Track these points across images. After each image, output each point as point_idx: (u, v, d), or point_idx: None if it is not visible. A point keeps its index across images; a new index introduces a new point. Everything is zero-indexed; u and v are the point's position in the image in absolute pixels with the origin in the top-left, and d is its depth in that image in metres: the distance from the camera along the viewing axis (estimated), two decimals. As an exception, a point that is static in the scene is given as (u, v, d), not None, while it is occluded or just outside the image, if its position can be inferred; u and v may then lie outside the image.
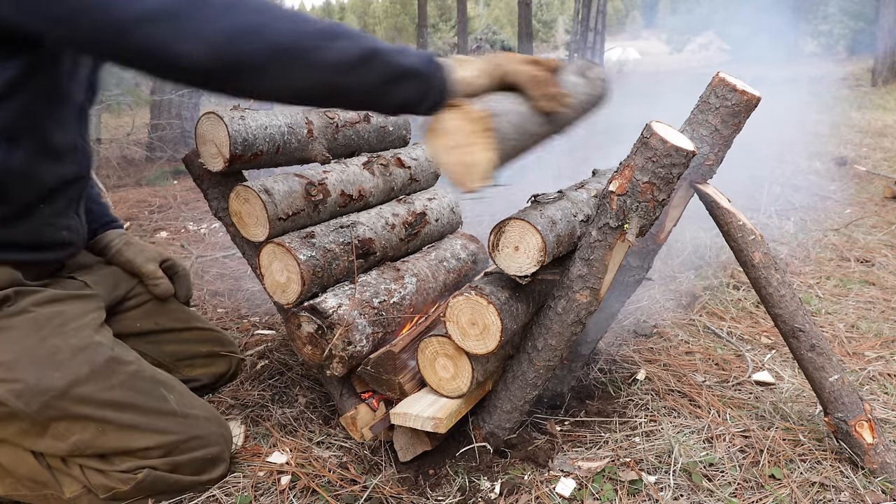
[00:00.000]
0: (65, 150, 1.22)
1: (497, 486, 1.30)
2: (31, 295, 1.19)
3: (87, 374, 1.16)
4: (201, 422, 1.29)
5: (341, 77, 0.97)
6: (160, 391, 1.25)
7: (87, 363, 1.17)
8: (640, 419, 1.53)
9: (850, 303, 2.28)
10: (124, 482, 1.21)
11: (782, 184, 3.95)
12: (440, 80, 1.03)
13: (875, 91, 10.31)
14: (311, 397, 1.67)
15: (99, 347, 1.20)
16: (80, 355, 1.17)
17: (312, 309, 1.39)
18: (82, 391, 1.15)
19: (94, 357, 1.19)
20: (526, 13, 18.70)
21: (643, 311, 2.23)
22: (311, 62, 0.95)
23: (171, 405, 1.25)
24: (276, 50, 0.92)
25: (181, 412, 1.26)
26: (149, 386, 1.24)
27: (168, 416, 1.24)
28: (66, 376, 1.14)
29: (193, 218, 3.82)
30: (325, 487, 1.32)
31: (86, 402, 1.16)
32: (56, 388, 1.13)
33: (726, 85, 1.33)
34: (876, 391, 1.68)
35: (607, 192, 1.17)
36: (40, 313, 1.17)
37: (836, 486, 1.29)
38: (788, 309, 1.33)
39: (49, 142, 1.17)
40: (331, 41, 0.95)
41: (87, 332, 1.21)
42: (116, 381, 1.19)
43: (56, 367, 1.14)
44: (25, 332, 1.14)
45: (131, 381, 1.22)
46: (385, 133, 1.88)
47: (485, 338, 1.22)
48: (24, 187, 1.14)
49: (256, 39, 0.91)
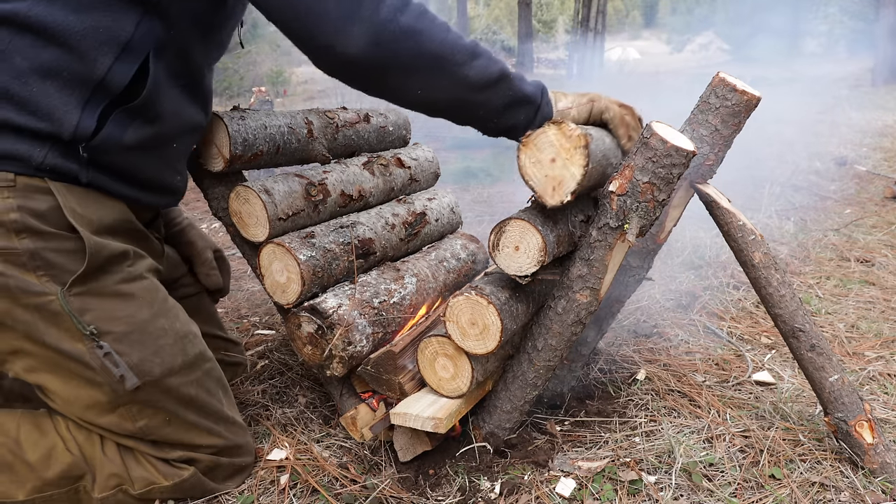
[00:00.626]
0: (206, 97, 1.25)
1: (497, 486, 1.30)
2: (142, 259, 1.17)
3: (179, 365, 1.15)
4: (242, 431, 1.31)
5: (474, 94, 1.05)
6: (220, 394, 1.26)
7: (181, 354, 1.16)
8: (640, 419, 1.53)
9: (850, 303, 2.28)
10: (167, 476, 1.19)
11: (782, 184, 3.95)
12: (547, 110, 1.14)
13: (875, 91, 10.31)
14: (311, 397, 1.67)
15: (195, 339, 1.20)
16: (179, 343, 1.16)
17: (312, 309, 1.39)
18: (171, 382, 1.14)
19: (189, 349, 1.18)
20: (526, 13, 18.68)
21: (643, 311, 2.23)
22: (454, 74, 1.02)
23: (225, 410, 1.27)
24: (428, 57, 0.99)
25: (232, 418, 1.28)
26: (214, 387, 1.25)
27: (222, 421, 1.25)
28: (164, 364, 1.12)
29: (193, 218, 3.81)
30: (325, 486, 1.32)
31: (168, 393, 1.15)
32: (153, 374, 1.11)
33: (726, 85, 1.33)
34: (876, 391, 1.68)
35: (607, 192, 1.17)
36: (152, 283, 1.16)
37: (836, 486, 1.29)
38: (788, 309, 1.33)
39: (200, 84, 1.20)
40: (474, 58, 1.03)
41: (184, 316, 1.21)
42: (195, 378, 1.19)
43: (158, 352, 1.12)
44: (141, 304, 1.11)
45: (205, 379, 1.22)
46: (385, 133, 1.88)
47: (485, 338, 1.22)
48: (171, 120, 1.14)
49: (413, 44, 0.97)
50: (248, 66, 14.08)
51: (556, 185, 1.09)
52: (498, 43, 26.64)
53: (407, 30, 0.96)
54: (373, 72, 1.00)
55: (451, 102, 1.07)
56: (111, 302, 1.08)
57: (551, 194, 1.10)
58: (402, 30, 0.96)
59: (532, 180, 1.11)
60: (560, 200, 1.09)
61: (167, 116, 1.12)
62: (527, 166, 1.11)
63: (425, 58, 1.00)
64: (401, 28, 0.96)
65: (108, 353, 1.06)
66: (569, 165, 1.08)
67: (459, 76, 1.03)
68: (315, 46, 0.99)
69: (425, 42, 0.98)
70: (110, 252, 1.08)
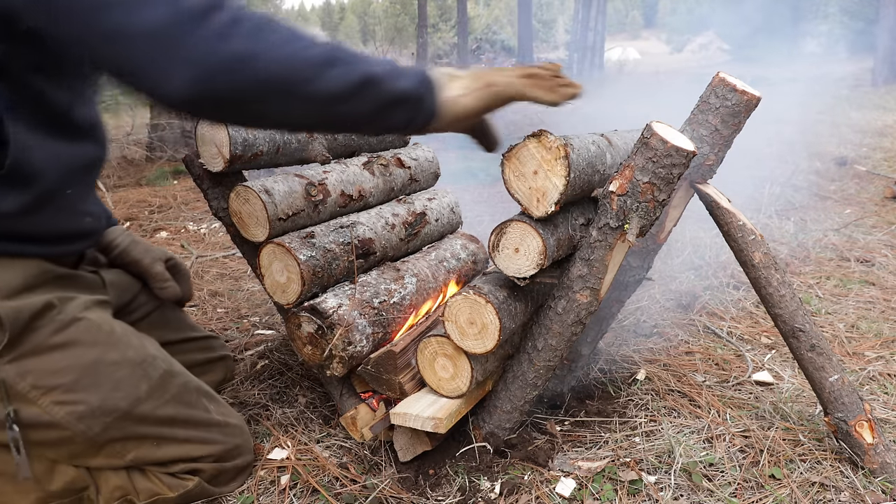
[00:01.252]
0: (92, 127, 1.14)
1: (497, 486, 1.30)
2: (72, 301, 1.10)
3: (146, 391, 1.12)
4: (238, 430, 1.29)
5: (334, 108, 0.92)
6: (203, 402, 1.24)
7: (144, 379, 1.12)
8: (640, 419, 1.53)
9: (850, 303, 2.28)
10: (172, 488, 1.18)
11: (782, 184, 3.95)
12: (429, 103, 0.98)
13: (875, 91, 10.30)
14: (311, 397, 1.67)
15: (154, 360, 1.16)
16: (138, 371, 1.12)
17: (312, 309, 1.39)
18: (143, 409, 1.11)
19: (151, 372, 1.14)
20: (526, 13, 18.69)
21: (643, 311, 2.23)
22: (304, 93, 0.89)
23: (214, 415, 1.24)
24: (270, 81, 0.86)
25: (223, 422, 1.26)
26: (195, 398, 1.22)
27: (214, 427, 1.23)
28: (128, 396, 1.09)
29: (193, 218, 3.82)
30: (325, 486, 1.32)
31: (145, 421, 1.12)
32: (119, 409, 1.08)
33: (726, 85, 1.33)
34: (876, 391, 1.68)
35: (607, 192, 1.17)
36: (91, 321, 1.10)
37: (836, 486, 1.29)
38: (788, 309, 1.33)
39: (77, 120, 1.09)
40: (327, 69, 0.89)
41: (137, 341, 1.16)
42: (170, 396, 1.16)
43: (117, 387, 1.08)
44: (83, 346, 1.07)
45: (181, 394, 1.19)
46: (385, 133, 1.88)
47: (483, 337, 1.22)
48: (53, 171, 1.05)
49: (249, 72, 0.84)
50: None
51: (540, 196, 1.11)
52: (498, 43, 26.64)
53: (237, 57, 0.83)
54: (215, 109, 0.88)
55: (311, 120, 0.98)
56: (49, 356, 1.04)
57: (536, 206, 1.12)
58: (232, 59, 0.83)
59: (517, 193, 1.13)
60: (545, 211, 1.11)
61: (47, 170, 1.04)
62: (511, 180, 1.13)
63: (266, 83, 0.86)
64: (229, 58, 0.83)
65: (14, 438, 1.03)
66: (550, 176, 1.10)
67: (311, 94, 0.89)
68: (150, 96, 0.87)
69: (262, 66, 0.85)
70: (31, 310, 1.03)
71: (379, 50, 10.04)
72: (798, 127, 5.93)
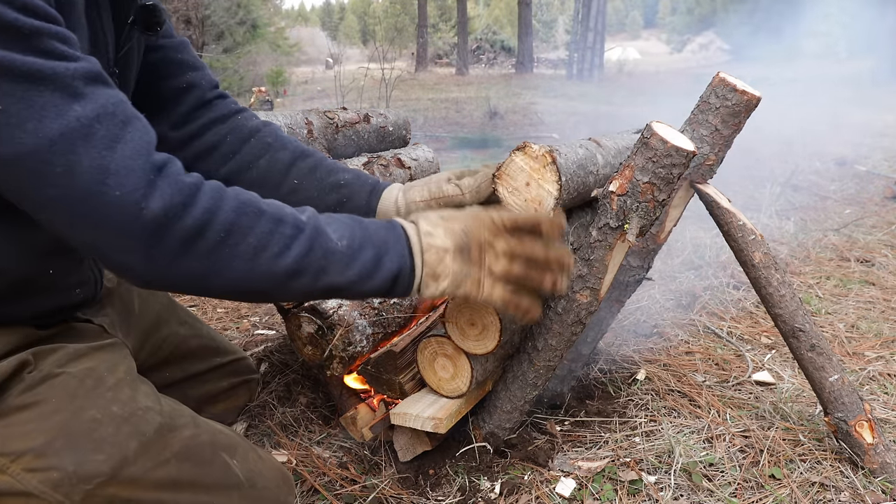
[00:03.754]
0: None
1: (497, 486, 1.30)
2: (52, 354, 0.98)
3: (136, 449, 0.93)
4: (270, 492, 1.07)
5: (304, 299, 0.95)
6: (222, 458, 1.02)
7: (134, 436, 0.94)
8: (640, 419, 1.53)
9: (850, 303, 2.28)
10: None
11: (782, 184, 3.95)
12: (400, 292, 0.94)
13: (875, 91, 10.31)
14: (311, 397, 1.67)
15: (146, 414, 0.98)
16: (125, 427, 0.94)
17: (312, 309, 1.39)
18: (132, 472, 0.92)
19: (142, 427, 0.96)
20: (526, 13, 18.69)
21: (643, 311, 2.23)
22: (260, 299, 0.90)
23: (235, 473, 1.03)
24: (223, 293, 0.85)
25: (248, 481, 1.04)
26: (208, 453, 1.01)
27: (233, 490, 1.02)
28: (111, 458, 0.91)
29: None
30: (325, 486, 1.32)
31: (137, 485, 0.93)
32: (101, 473, 0.90)
33: (726, 85, 1.33)
34: (876, 391, 1.68)
35: (607, 192, 1.17)
36: (69, 375, 0.97)
37: (836, 486, 1.29)
38: (788, 309, 1.33)
39: None
40: (289, 283, 0.85)
41: (127, 393, 1.00)
42: (170, 454, 0.97)
43: (98, 447, 0.91)
44: (56, 404, 0.93)
45: (187, 450, 0.99)
46: (385, 133, 1.88)
47: (484, 338, 1.22)
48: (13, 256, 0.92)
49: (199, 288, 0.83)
50: (248, 66, 14.09)
51: (537, 205, 1.12)
52: (498, 43, 26.66)
53: (194, 276, 0.80)
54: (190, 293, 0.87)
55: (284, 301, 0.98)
56: (17, 418, 0.92)
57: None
58: (188, 276, 0.80)
59: (515, 207, 1.13)
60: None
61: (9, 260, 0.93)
62: (506, 196, 1.13)
63: (224, 293, 0.85)
64: (184, 275, 0.80)
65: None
66: (543, 184, 1.10)
67: (270, 298, 0.90)
68: None
69: (221, 283, 0.82)
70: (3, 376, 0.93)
71: (379, 50, 10.03)
72: (798, 127, 5.93)
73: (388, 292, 0.93)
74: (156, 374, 1.23)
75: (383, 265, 0.90)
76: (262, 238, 0.83)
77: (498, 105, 9.23)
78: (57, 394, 0.94)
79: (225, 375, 1.40)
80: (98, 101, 0.76)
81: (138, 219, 0.76)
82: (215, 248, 0.80)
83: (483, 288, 0.98)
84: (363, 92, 8.23)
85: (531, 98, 11.46)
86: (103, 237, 0.77)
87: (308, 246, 0.85)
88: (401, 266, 0.91)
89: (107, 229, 0.76)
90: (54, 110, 0.74)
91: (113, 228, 0.76)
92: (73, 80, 0.75)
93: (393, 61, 10.74)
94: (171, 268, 0.79)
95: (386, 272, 0.90)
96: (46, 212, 0.77)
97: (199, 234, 0.79)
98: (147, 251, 0.77)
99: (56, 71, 0.74)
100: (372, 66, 9.33)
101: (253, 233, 0.82)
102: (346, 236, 0.89)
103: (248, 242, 0.82)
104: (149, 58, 1.11)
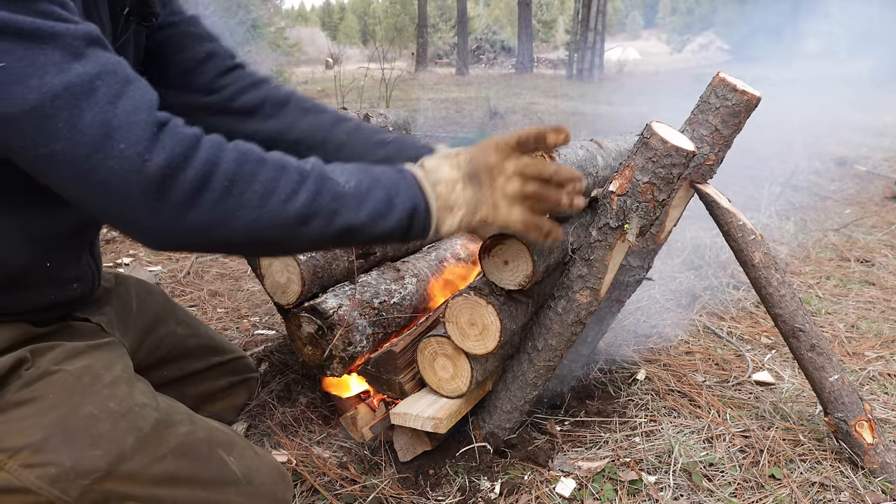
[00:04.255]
0: None
1: (497, 486, 1.30)
2: (49, 352, 0.99)
3: (132, 445, 0.95)
4: (267, 487, 1.07)
5: (317, 247, 0.96)
6: (218, 454, 1.03)
7: (131, 432, 0.95)
8: (640, 419, 1.53)
9: (850, 303, 2.28)
10: None
11: (782, 184, 3.95)
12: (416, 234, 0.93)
13: (875, 91, 10.31)
14: (311, 397, 1.67)
15: (143, 410, 0.99)
16: (122, 423, 0.95)
17: (313, 309, 1.39)
18: (129, 467, 0.94)
19: (139, 423, 0.97)
20: (526, 13, 18.69)
21: (643, 311, 2.23)
22: (277, 249, 0.91)
23: (231, 470, 1.04)
24: (235, 245, 0.84)
25: (244, 478, 1.05)
26: (205, 449, 1.02)
27: (230, 487, 1.02)
28: (108, 453, 0.92)
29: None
30: (325, 486, 1.32)
31: (134, 481, 0.94)
32: (98, 468, 0.91)
33: (726, 85, 1.33)
34: (876, 391, 1.68)
35: (607, 192, 1.17)
36: (67, 372, 0.97)
37: (836, 486, 1.29)
38: (788, 309, 1.33)
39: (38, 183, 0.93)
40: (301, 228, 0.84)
41: (124, 390, 1.00)
42: (167, 450, 0.98)
43: (95, 443, 0.92)
44: (53, 400, 0.94)
45: (184, 446, 1.00)
46: (385, 133, 1.88)
47: (484, 338, 1.22)
48: (11, 246, 0.93)
49: (211, 240, 0.82)
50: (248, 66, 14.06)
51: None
52: (498, 43, 26.64)
53: (203, 227, 0.80)
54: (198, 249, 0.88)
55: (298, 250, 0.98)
56: (14, 414, 0.94)
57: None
58: (197, 228, 0.80)
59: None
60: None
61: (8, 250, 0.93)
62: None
63: (237, 245, 0.84)
64: (193, 227, 0.80)
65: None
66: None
67: (286, 248, 0.90)
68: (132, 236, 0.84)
69: (230, 233, 0.81)
70: (1, 372, 0.94)
71: (379, 50, 10.02)
72: (798, 127, 5.93)
73: (406, 233, 0.91)
74: (153, 372, 1.25)
75: (395, 205, 0.89)
76: (267, 185, 0.82)
77: (498, 105, 9.23)
78: (54, 390, 0.94)
79: (223, 374, 1.41)
80: (98, 61, 0.78)
81: (142, 171, 0.75)
82: (221, 199, 0.79)
83: (500, 210, 0.97)
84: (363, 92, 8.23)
85: (531, 98, 11.45)
86: (109, 193, 0.77)
87: (315, 189, 0.85)
88: (415, 204, 0.90)
89: (112, 184, 0.76)
90: (55, 67, 0.74)
91: (118, 182, 0.76)
92: (73, 41, 0.76)
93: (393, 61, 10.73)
94: (178, 221, 0.79)
95: (400, 211, 0.89)
96: (52, 170, 0.77)
97: (204, 185, 0.78)
98: (153, 204, 0.77)
99: (56, 30, 0.75)
100: (372, 66, 9.32)
101: (257, 180, 0.81)
102: (354, 180, 0.88)
103: (253, 190, 0.81)
104: (161, 35, 1.12)
